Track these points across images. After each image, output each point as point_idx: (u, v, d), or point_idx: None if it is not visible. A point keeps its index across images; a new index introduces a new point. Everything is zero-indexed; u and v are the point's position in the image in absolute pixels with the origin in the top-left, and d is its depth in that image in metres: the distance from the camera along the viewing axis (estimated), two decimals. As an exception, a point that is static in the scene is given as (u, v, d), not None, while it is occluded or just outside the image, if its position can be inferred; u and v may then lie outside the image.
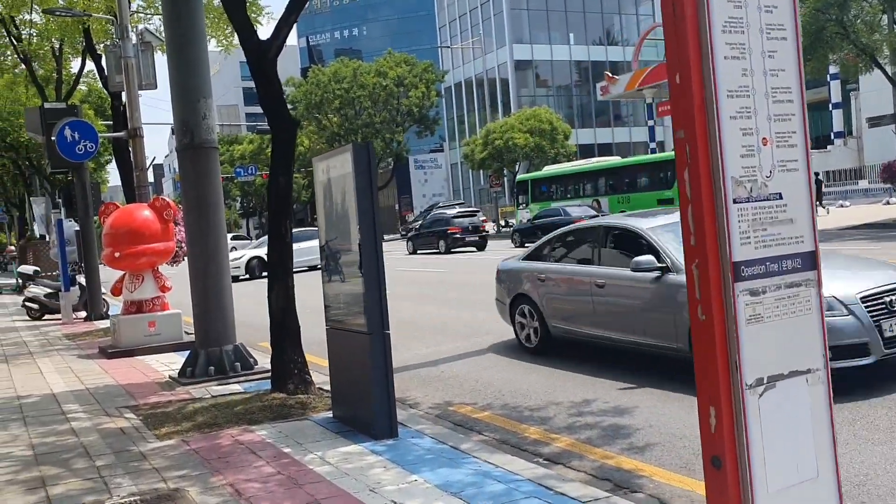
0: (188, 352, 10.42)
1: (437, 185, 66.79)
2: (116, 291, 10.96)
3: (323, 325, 6.32)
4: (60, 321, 15.40)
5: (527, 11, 61.97)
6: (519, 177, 39.99)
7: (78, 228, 15.87)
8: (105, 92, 30.28)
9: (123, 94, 12.77)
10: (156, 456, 5.50)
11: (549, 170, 37.37)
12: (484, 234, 30.35)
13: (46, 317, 16.35)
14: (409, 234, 35.21)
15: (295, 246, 8.09)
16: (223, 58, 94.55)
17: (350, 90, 53.02)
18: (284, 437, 5.76)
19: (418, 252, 31.11)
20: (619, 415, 6.01)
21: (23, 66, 21.26)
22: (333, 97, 53.18)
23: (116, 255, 10.36)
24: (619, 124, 66.00)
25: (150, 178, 26.11)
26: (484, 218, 34.13)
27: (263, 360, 9.04)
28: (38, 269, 17.42)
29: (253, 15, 13.68)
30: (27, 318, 16.34)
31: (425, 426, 5.89)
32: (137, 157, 12.33)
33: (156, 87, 12.54)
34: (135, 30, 12.60)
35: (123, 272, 10.90)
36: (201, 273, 8.38)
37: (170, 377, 8.53)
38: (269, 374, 8.18)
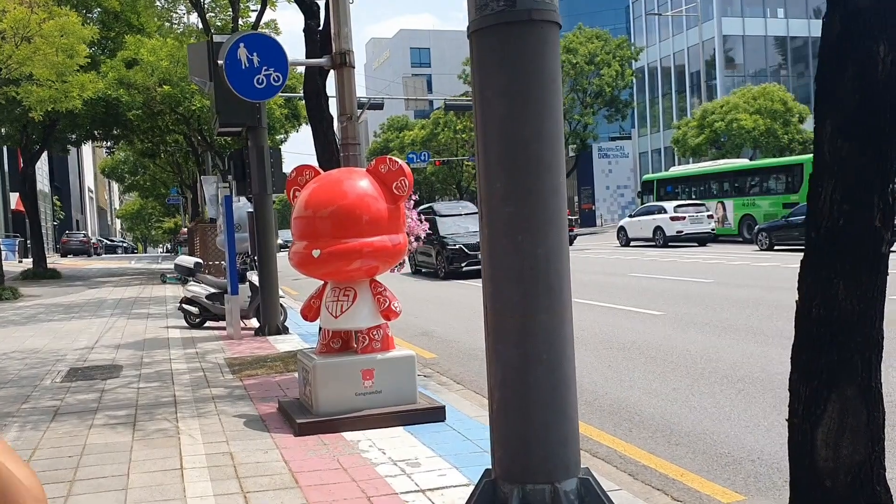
0: (424, 426, 5.91)
1: (623, 175, 60.32)
2: (310, 313, 6.48)
3: None
4: (224, 334, 11.45)
5: (738, -20, 54.44)
6: (645, 177, 38.41)
7: (251, 210, 11.88)
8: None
9: (321, 7, 8.39)
10: None
11: (676, 170, 35.33)
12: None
13: (208, 323, 12.54)
14: None
15: None
16: (393, 43, 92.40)
17: (537, 68, 47.85)
18: None
19: None
20: None
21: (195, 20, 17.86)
22: (518, 76, 48.22)
23: (315, 253, 5.88)
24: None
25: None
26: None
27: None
28: (199, 261, 13.64)
29: None
30: (185, 324, 12.60)
31: None
32: (345, 98, 7.79)
33: (372, -8, 8.11)
34: None
35: (323, 282, 6.46)
36: (512, 308, 3.60)
37: (431, 530, 3.89)
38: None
